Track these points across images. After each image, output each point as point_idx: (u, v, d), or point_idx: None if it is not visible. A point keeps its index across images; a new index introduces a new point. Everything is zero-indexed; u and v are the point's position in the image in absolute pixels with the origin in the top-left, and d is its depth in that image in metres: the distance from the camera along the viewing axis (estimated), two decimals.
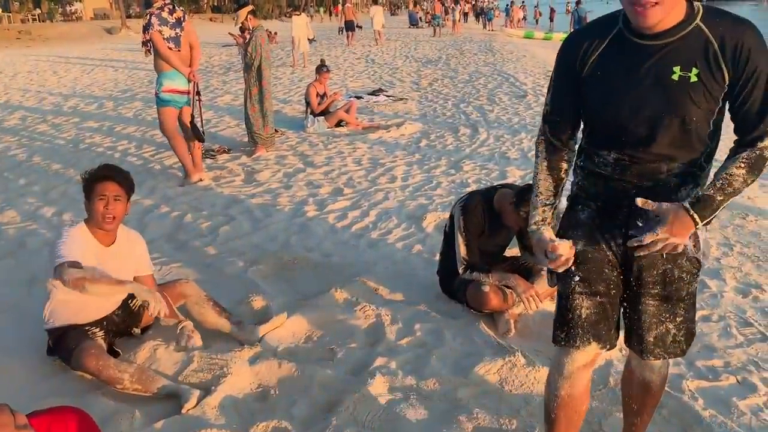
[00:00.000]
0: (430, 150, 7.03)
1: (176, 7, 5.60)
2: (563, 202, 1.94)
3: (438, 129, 8.16)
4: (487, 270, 3.19)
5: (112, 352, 2.84)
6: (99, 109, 10.57)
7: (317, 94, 8.38)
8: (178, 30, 5.50)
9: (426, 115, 9.17)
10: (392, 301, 3.46)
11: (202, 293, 3.12)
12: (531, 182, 2.09)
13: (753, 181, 1.64)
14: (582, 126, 1.86)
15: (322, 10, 55.82)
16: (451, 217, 3.35)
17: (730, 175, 1.62)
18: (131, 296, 2.91)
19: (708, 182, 1.66)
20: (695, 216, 1.60)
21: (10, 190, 5.87)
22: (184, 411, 2.48)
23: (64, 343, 2.75)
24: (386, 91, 11.34)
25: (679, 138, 1.64)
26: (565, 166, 1.89)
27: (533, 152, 2.10)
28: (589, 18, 18.75)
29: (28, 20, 40.86)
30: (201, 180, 5.92)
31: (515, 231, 3.41)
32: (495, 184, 3.94)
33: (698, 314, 3.20)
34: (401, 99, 10.56)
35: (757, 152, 1.61)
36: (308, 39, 16.44)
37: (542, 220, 1.90)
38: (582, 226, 1.83)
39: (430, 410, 2.49)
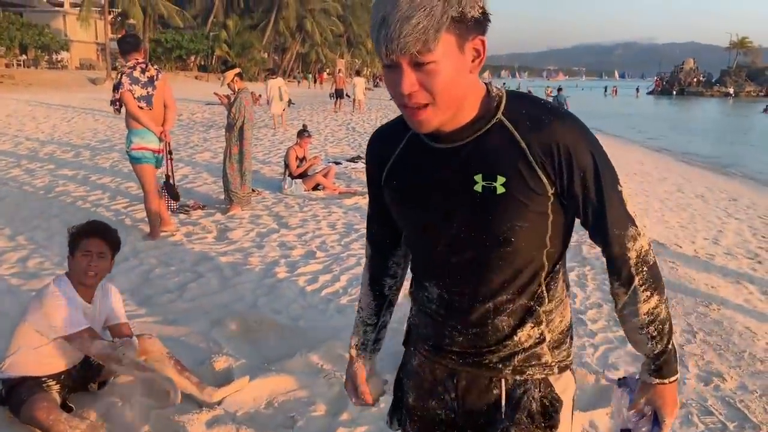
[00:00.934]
0: None
1: (149, 65, 5.62)
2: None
3: None
4: None
5: (65, 407, 2.75)
6: (75, 158, 10.53)
7: (297, 158, 8.49)
8: (150, 89, 5.52)
9: None
10: None
11: (164, 350, 3.05)
12: None
13: (666, 296, 1.32)
14: None
15: (310, 76, 57.29)
16: None
17: (648, 314, 1.29)
18: None
19: (641, 342, 1.33)
20: (670, 379, 1.34)
21: None
22: None
23: (17, 393, 2.67)
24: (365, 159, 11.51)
25: (504, 265, 1.26)
26: (390, 282, 1.54)
27: None
28: (570, 106, 19.13)
29: (13, 65, 40.99)
30: (172, 234, 5.88)
31: None
32: None
33: None
34: None
35: (644, 270, 1.27)
36: (284, 101, 16.84)
37: (362, 344, 1.56)
38: (413, 375, 1.47)
39: None
